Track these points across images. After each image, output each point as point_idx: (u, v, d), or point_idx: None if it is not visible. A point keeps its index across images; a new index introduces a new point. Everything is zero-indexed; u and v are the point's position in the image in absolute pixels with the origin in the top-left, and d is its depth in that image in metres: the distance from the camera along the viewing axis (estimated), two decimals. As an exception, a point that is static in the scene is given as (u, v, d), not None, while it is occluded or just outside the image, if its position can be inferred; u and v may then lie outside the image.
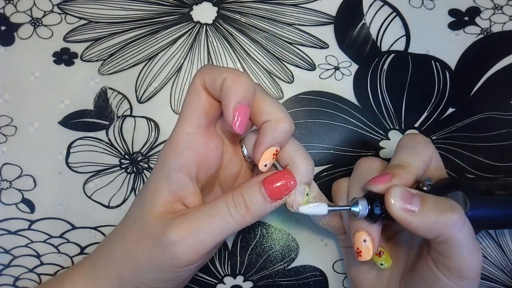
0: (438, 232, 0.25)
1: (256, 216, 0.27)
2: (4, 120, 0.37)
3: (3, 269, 0.37)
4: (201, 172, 0.29)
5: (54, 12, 0.38)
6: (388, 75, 0.38)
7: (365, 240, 0.28)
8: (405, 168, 0.28)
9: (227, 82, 0.26)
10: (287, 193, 0.27)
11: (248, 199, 0.27)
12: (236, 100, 0.25)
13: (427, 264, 0.28)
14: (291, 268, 0.38)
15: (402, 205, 0.26)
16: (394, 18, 0.39)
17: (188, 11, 0.39)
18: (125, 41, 0.38)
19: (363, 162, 0.32)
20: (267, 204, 0.27)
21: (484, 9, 0.39)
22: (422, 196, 0.27)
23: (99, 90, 0.37)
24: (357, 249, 0.28)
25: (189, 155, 0.28)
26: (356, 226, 0.29)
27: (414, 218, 0.25)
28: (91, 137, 0.37)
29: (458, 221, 0.25)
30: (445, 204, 0.26)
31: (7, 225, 0.37)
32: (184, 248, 0.26)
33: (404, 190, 0.26)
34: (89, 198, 0.37)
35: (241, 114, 0.26)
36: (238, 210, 0.27)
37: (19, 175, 0.37)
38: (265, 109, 0.27)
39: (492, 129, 0.38)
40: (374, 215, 0.27)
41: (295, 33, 0.39)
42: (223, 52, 0.38)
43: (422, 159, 0.29)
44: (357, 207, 0.27)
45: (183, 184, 0.28)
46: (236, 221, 0.27)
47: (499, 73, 0.38)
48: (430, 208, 0.26)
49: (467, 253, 0.26)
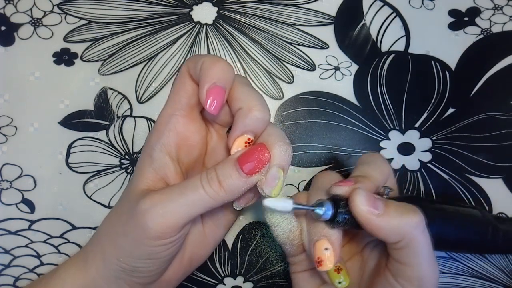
0: (401, 233, 0.26)
1: (230, 191, 0.27)
2: (4, 120, 0.37)
3: (3, 269, 0.37)
4: (182, 154, 0.30)
5: (54, 12, 0.38)
6: (388, 76, 0.38)
7: (326, 248, 0.27)
8: (366, 177, 0.29)
9: (204, 65, 0.27)
10: (261, 166, 0.27)
11: (220, 174, 0.27)
12: (210, 81, 0.27)
13: (386, 279, 0.28)
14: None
15: (367, 207, 0.26)
16: (394, 18, 0.39)
17: (188, 11, 0.39)
18: (125, 41, 0.38)
19: (321, 175, 0.32)
20: (241, 179, 0.27)
21: (484, 10, 0.39)
22: (385, 200, 0.27)
23: (99, 90, 0.37)
24: (317, 259, 0.27)
25: (169, 135, 0.29)
26: (318, 234, 0.28)
27: (378, 219, 0.26)
28: (91, 137, 0.37)
29: (420, 223, 0.26)
30: (407, 207, 0.27)
31: (7, 225, 0.37)
32: (154, 217, 0.26)
33: (368, 193, 0.27)
34: (89, 198, 0.37)
35: (214, 94, 0.27)
36: (210, 184, 0.27)
37: (19, 175, 0.37)
38: (239, 96, 0.28)
39: (492, 129, 0.38)
40: (337, 218, 0.27)
41: (295, 33, 0.39)
42: (223, 52, 0.38)
43: (381, 171, 0.30)
44: (321, 209, 0.27)
45: (164, 163, 0.29)
46: (208, 194, 0.27)
47: (499, 73, 0.38)
48: (393, 210, 0.26)
49: (427, 261, 0.26)
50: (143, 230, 0.27)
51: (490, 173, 0.38)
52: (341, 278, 0.29)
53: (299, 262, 0.32)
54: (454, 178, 0.38)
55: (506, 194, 0.38)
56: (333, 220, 0.27)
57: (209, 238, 0.33)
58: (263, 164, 0.27)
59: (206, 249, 0.34)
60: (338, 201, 0.27)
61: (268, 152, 0.27)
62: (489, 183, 0.38)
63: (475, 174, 0.38)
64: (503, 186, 0.38)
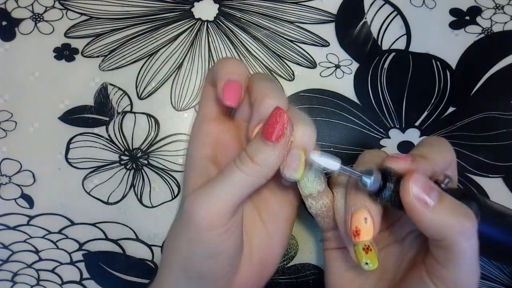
0: (445, 234, 0.24)
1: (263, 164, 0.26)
2: (4, 115, 0.37)
3: (2, 265, 0.37)
4: (219, 155, 0.31)
5: (55, 7, 0.38)
6: (388, 74, 0.38)
7: (366, 218, 0.25)
8: (426, 159, 0.26)
9: (216, 67, 0.30)
10: (282, 127, 0.26)
11: (249, 151, 0.27)
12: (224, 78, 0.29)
13: (420, 275, 0.26)
14: (290, 266, 0.38)
15: (420, 194, 0.24)
16: (395, 17, 0.39)
17: (189, 8, 0.39)
18: (126, 37, 0.38)
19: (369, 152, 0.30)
20: (269, 148, 0.26)
21: (485, 9, 0.39)
22: (441, 192, 0.25)
23: (100, 86, 0.37)
24: (355, 228, 0.26)
25: (203, 140, 0.31)
26: (357, 204, 0.26)
27: (426, 211, 0.23)
28: (91, 133, 0.37)
29: (469, 230, 0.24)
30: (462, 208, 0.24)
31: (6, 220, 0.37)
32: (199, 205, 0.27)
33: (426, 179, 0.24)
34: (88, 194, 0.37)
35: (229, 87, 0.29)
36: (243, 162, 0.27)
37: (18, 171, 0.37)
38: (255, 89, 0.29)
39: (493, 128, 0.38)
40: (383, 192, 0.25)
41: (296, 31, 0.39)
42: (224, 49, 0.38)
43: (444, 157, 0.28)
44: (369, 177, 0.25)
45: (204, 166, 0.30)
46: (244, 172, 0.26)
47: (499, 72, 0.38)
48: (445, 207, 0.24)
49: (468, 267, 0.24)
50: (193, 222, 0.27)
51: (490, 173, 0.38)
52: (368, 259, 0.26)
53: (331, 239, 0.31)
54: (454, 177, 0.38)
55: (506, 194, 0.38)
56: (378, 193, 0.25)
57: (274, 236, 0.32)
58: (283, 125, 0.26)
59: (274, 248, 0.32)
60: (389, 175, 0.25)
61: (284, 112, 0.26)
62: (489, 182, 0.38)
63: (475, 173, 0.38)
64: (503, 185, 0.38)
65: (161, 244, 0.37)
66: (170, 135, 0.37)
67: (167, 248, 0.31)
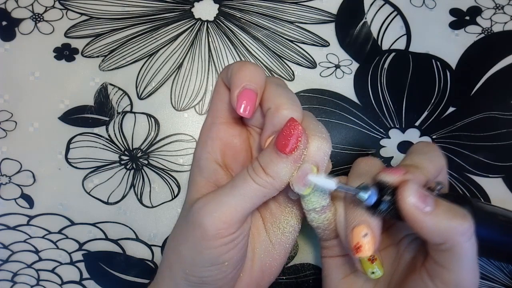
0: (446, 237, 0.24)
1: (276, 176, 0.26)
2: (4, 115, 0.37)
3: (2, 265, 0.37)
4: (228, 159, 0.31)
5: (55, 7, 0.38)
6: (388, 74, 0.38)
7: (366, 234, 0.26)
8: (418, 168, 0.27)
9: (233, 70, 0.27)
10: (296, 140, 0.25)
11: (262, 161, 0.26)
12: (240, 85, 0.27)
13: (421, 278, 0.26)
14: (290, 266, 0.38)
15: (416, 202, 0.24)
16: (395, 17, 0.39)
17: (189, 8, 0.39)
18: (126, 37, 0.38)
19: (362, 161, 0.31)
20: (282, 160, 0.26)
21: (485, 9, 0.39)
22: (435, 198, 0.25)
23: (100, 86, 0.37)
24: (356, 244, 0.26)
25: (212, 142, 0.30)
26: (357, 219, 0.26)
27: (425, 218, 0.24)
28: (91, 133, 0.37)
29: (468, 230, 0.24)
30: (458, 210, 0.25)
31: (6, 220, 0.37)
32: (208, 212, 0.26)
33: (419, 188, 0.25)
34: (88, 194, 0.37)
35: (244, 98, 0.27)
36: (256, 173, 0.26)
37: (18, 171, 0.37)
38: (269, 97, 0.27)
39: (493, 128, 0.38)
40: (380, 206, 0.25)
41: (296, 31, 0.39)
42: (224, 49, 0.38)
43: (435, 164, 0.28)
44: (366, 193, 0.25)
45: (212, 169, 0.30)
46: (257, 182, 0.26)
47: (499, 72, 0.38)
48: (443, 211, 0.24)
49: (469, 267, 0.24)
50: (200, 229, 0.26)
51: (490, 172, 0.38)
52: (375, 268, 0.27)
53: (331, 247, 0.31)
54: (454, 177, 0.38)
55: (506, 194, 0.38)
56: (376, 207, 0.25)
57: (276, 246, 0.31)
58: (298, 137, 0.25)
59: (275, 258, 0.32)
60: (384, 189, 0.25)
61: (299, 124, 0.25)
62: (489, 182, 0.38)
63: (475, 173, 0.38)
64: (503, 185, 0.38)
65: (161, 244, 0.37)
66: (170, 135, 0.37)
67: (169, 250, 0.30)
